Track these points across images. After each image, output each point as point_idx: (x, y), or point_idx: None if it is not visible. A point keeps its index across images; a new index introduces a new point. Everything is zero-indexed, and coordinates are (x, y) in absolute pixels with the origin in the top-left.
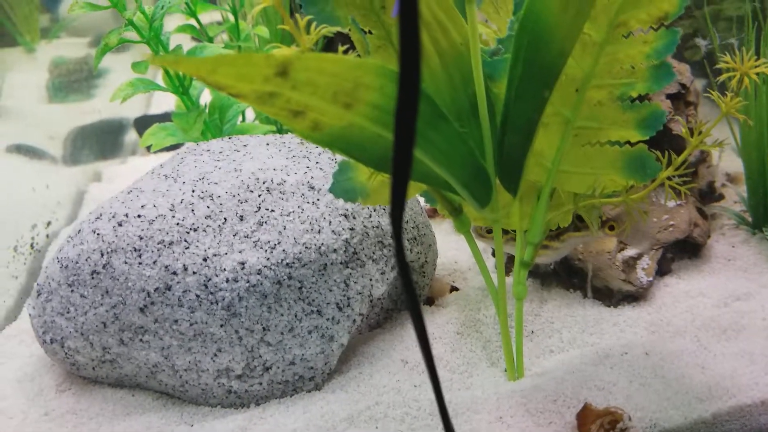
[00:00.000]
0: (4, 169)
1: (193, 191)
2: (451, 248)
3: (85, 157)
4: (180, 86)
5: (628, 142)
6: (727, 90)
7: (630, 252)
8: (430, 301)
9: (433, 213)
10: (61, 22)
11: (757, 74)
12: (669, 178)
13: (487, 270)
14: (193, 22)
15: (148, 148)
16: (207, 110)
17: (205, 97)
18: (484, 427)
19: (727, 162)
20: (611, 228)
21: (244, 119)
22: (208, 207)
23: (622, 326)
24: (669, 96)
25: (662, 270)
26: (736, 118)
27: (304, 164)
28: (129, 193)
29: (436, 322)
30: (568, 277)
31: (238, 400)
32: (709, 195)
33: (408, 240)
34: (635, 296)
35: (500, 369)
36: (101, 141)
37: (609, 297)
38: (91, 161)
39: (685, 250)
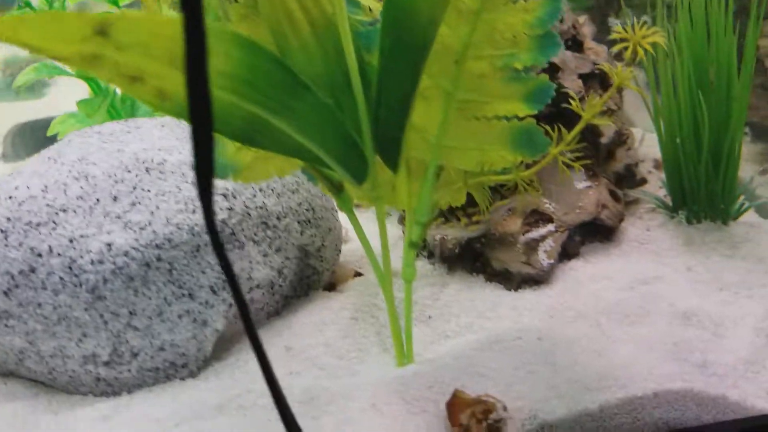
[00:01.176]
0: None
1: (70, 171)
2: (369, 236)
3: (22, 154)
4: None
5: (517, 117)
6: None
7: (533, 234)
8: (332, 287)
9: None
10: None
11: (655, 49)
12: (562, 155)
13: (372, 251)
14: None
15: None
16: (120, 97)
17: None
18: (356, 415)
19: (657, 148)
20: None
21: None
22: (82, 187)
23: (521, 310)
24: (581, 76)
25: (569, 253)
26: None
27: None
28: (9, 176)
29: (332, 307)
30: (472, 260)
31: (109, 387)
32: (628, 179)
33: (300, 222)
34: (537, 279)
35: (392, 356)
36: (39, 138)
37: (509, 280)
38: (24, 158)
39: (595, 234)
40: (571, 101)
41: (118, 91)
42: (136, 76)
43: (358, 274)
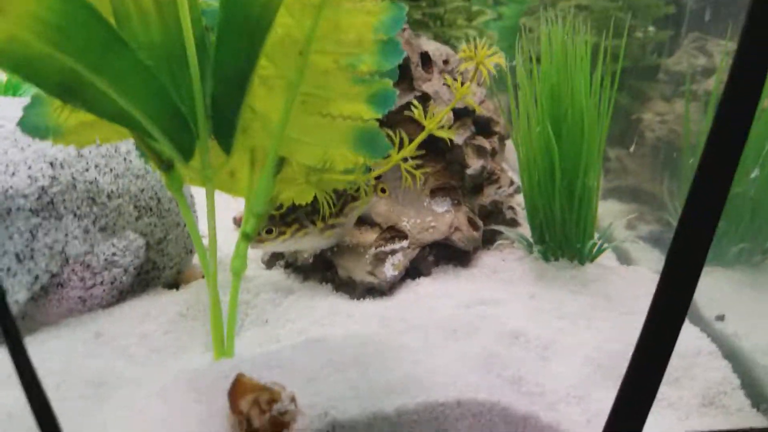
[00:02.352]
0: None
1: None
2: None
3: None
4: None
5: (362, 119)
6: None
7: (384, 248)
8: (175, 287)
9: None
10: None
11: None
12: (405, 161)
13: (201, 243)
14: None
15: None
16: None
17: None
18: (140, 402)
19: None
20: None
21: None
22: None
23: (356, 318)
24: (454, 111)
25: (422, 271)
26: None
27: None
28: None
29: (162, 301)
30: (323, 270)
31: None
32: (495, 215)
33: (137, 207)
34: (379, 290)
35: (212, 353)
36: None
37: (353, 289)
38: None
39: (450, 257)
40: (414, 109)
41: (2, 77)
42: None
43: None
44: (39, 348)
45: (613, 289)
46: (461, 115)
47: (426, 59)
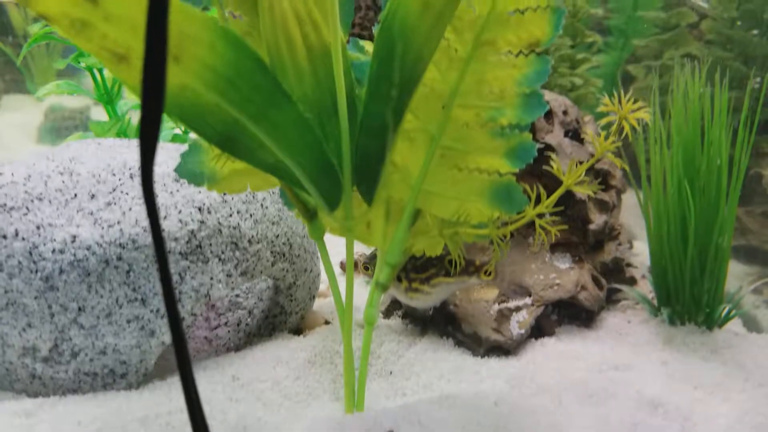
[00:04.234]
0: None
1: (57, 167)
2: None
3: None
4: (106, 95)
5: (499, 173)
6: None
7: (508, 304)
8: (299, 332)
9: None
10: (78, 78)
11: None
12: (540, 217)
13: (337, 285)
14: None
15: None
16: (132, 127)
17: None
18: None
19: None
20: (487, 273)
21: None
22: (63, 182)
23: (483, 376)
24: (578, 162)
25: (545, 330)
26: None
27: None
28: (2, 165)
29: (290, 347)
30: (444, 323)
31: (43, 388)
32: (615, 273)
33: (273, 252)
34: (505, 348)
35: (342, 404)
36: None
37: (478, 345)
38: None
39: (574, 316)
40: (552, 163)
41: (134, 120)
42: (123, 55)
43: (328, 323)
44: (180, 390)
45: (746, 358)
46: (587, 170)
47: (547, 110)
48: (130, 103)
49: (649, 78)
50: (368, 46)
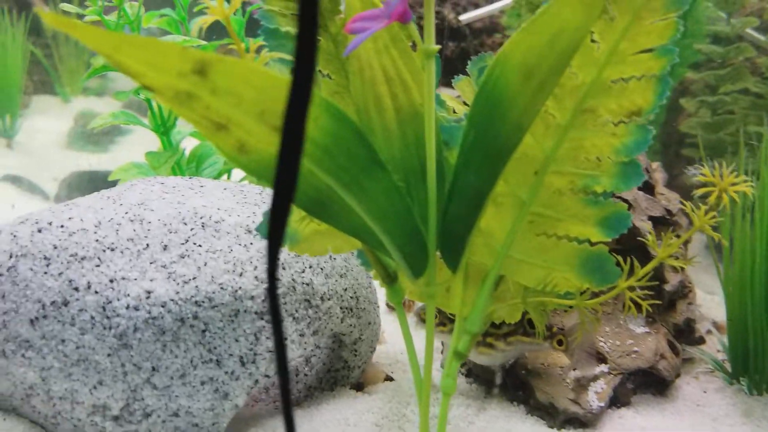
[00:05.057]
0: None
1: (126, 213)
2: (402, 341)
3: (73, 197)
4: (162, 126)
5: (589, 242)
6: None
7: (585, 372)
8: (360, 387)
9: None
10: (104, 81)
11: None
12: (631, 290)
13: (415, 354)
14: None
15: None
16: (186, 157)
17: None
18: None
19: (717, 311)
20: (560, 342)
21: (229, 177)
22: (135, 230)
23: None
24: (652, 218)
25: (620, 400)
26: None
27: (251, 209)
28: (65, 205)
29: (356, 407)
30: (513, 388)
31: None
32: (686, 334)
33: (342, 308)
34: (582, 421)
35: None
36: (95, 187)
37: (553, 416)
38: None
39: (649, 385)
40: (648, 236)
41: (186, 151)
42: (223, 125)
43: (389, 379)
44: None
45: None
46: (657, 223)
47: None
48: (184, 132)
49: (701, 113)
50: (448, 100)
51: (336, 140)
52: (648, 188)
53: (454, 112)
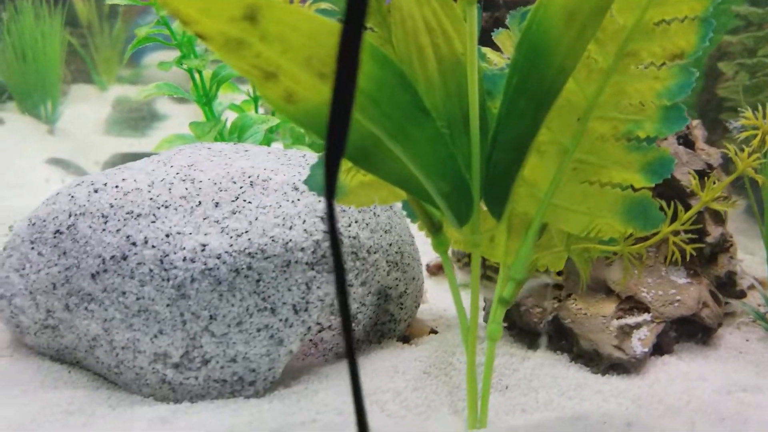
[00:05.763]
0: (40, 173)
1: (177, 173)
2: (445, 299)
3: None
4: (204, 96)
5: (632, 188)
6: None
7: (628, 320)
8: (406, 339)
9: (437, 270)
10: (137, 69)
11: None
12: (674, 234)
13: (461, 299)
14: None
15: None
16: (228, 128)
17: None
18: None
19: (759, 269)
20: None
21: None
22: (186, 189)
23: (606, 395)
24: (697, 171)
25: (663, 348)
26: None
27: (296, 169)
28: (118, 169)
29: (404, 356)
30: (557, 338)
31: (172, 393)
32: (728, 286)
33: (388, 262)
34: (626, 366)
35: (462, 419)
36: None
37: (597, 363)
38: None
39: (692, 333)
40: (692, 179)
41: (228, 122)
42: (272, 73)
43: (434, 332)
44: (312, 399)
45: None
46: (698, 176)
47: None
48: (225, 103)
49: (739, 76)
50: (489, 53)
51: (380, 86)
52: (688, 144)
53: (495, 64)
